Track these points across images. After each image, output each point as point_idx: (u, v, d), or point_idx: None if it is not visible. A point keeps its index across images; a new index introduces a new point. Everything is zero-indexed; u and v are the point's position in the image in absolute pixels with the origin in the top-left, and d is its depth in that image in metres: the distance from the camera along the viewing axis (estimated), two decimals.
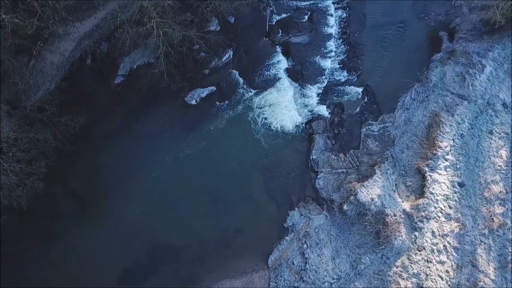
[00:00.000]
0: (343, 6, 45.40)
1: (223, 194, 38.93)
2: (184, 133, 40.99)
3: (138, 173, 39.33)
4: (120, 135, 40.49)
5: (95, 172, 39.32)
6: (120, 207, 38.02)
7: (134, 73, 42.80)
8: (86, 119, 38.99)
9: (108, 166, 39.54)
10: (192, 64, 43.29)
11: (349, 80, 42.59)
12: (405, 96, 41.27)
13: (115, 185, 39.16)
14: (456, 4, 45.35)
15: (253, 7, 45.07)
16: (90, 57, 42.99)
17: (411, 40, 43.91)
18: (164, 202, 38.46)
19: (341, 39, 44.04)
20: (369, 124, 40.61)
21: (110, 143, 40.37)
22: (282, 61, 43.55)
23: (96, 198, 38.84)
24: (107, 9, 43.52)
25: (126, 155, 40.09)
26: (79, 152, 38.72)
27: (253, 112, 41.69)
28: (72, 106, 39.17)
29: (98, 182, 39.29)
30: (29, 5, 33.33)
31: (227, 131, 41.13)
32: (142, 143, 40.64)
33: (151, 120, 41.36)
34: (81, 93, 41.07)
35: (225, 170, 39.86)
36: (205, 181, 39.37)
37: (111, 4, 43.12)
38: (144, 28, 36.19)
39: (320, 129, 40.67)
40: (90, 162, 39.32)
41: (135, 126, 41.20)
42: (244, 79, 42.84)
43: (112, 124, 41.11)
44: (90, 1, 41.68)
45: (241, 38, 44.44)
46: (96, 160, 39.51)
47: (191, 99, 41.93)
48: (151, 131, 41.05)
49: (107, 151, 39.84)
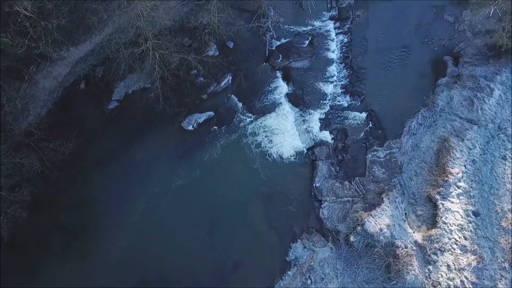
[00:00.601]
0: (344, 31, 44.54)
1: (220, 224, 36.30)
2: (179, 160, 38.90)
3: (129, 203, 36.89)
4: (111, 162, 38.38)
5: (83, 202, 36.86)
6: (108, 239, 35.34)
7: (129, 98, 41.29)
8: (77, 145, 37.05)
9: (97, 195, 37.22)
10: (190, 88, 41.90)
11: (352, 105, 40.95)
12: (411, 121, 39.49)
13: (104, 216, 36.71)
14: (459, 29, 44.50)
15: (252, 32, 44.24)
16: (84, 82, 41.72)
17: (415, 64, 42.68)
18: (156, 234, 35.80)
19: (343, 63, 42.82)
20: (374, 150, 38.57)
21: (101, 171, 38.17)
22: (283, 86, 42.13)
23: (83, 230, 36.20)
24: (103, 34, 42.62)
25: (117, 183, 37.81)
26: (67, 179, 36.51)
27: (252, 138, 39.77)
28: (62, 131, 37.39)
29: (86, 212, 36.73)
30: (20, 25, 32.12)
31: (225, 158, 39.04)
32: (135, 171, 38.47)
33: (145, 147, 39.39)
34: (73, 118, 39.42)
35: (222, 199, 37.43)
36: (201, 211, 36.85)
37: (107, 29, 42.20)
38: (140, 49, 34.78)
39: (323, 156, 38.57)
40: (78, 190, 36.98)
41: (128, 153, 39.17)
42: (243, 104, 41.24)
43: (104, 151, 39.11)
44: (86, 26, 40.72)
45: (240, 63, 43.28)
46: (85, 188, 37.19)
47: (188, 124, 40.14)
48: (144, 158, 38.96)
49: (97, 179, 37.58)
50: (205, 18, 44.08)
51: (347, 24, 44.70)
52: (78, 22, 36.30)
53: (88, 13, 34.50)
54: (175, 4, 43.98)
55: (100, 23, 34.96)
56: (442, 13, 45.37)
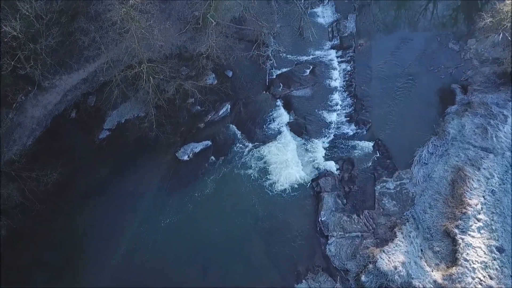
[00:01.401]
0: (347, 59, 43.15)
1: (215, 263, 32.82)
2: (171, 193, 36.06)
3: (117, 240, 33.58)
4: (99, 194, 35.53)
5: (66, 238, 33.56)
6: (92, 280, 31.66)
7: (122, 127, 39.08)
8: (62, 175, 34.32)
9: (82, 231, 34.04)
10: (187, 117, 39.88)
11: (357, 133, 38.62)
12: (421, 150, 37.00)
13: (89, 254, 33.25)
14: (465, 57, 43.11)
15: (252, 61, 42.85)
16: (75, 110, 39.69)
17: (422, 92, 40.84)
18: (146, 273, 32.15)
19: (347, 91, 40.99)
20: (383, 181, 35.76)
21: (87, 204, 35.23)
22: (284, 115, 40.05)
23: (65, 270, 32.57)
24: (97, 63, 41.12)
25: (103, 218, 34.80)
26: (49, 213, 33.49)
27: (252, 169, 37.09)
28: (48, 160, 34.79)
29: (69, 250, 33.28)
30: (7, 46, 30.40)
31: (221, 190, 36.20)
32: (124, 205, 35.50)
33: (137, 178, 36.67)
34: (61, 147, 37.05)
35: (217, 235, 34.13)
36: (194, 249, 33.50)
37: (102, 58, 40.72)
38: (133, 72, 32.87)
39: (329, 187, 35.69)
40: (61, 225, 33.88)
41: (118, 185, 36.38)
42: (242, 133, 38.96)
43: (92, 182, 36.34)
44: (78, 51, 39.29)
45: (239, 91, 41.52)
46: (69, 223, 34.10)
47: (183, 154, 37.65)
48: (135, 191, 36.13)
49: (82, 213, 34.56)
50: (203, 47, 42.90)
51: (349, 52, 43.42)
52: (70, 46, 34.62)
53: (78, 32, 32.89)
54: (173, 33, 42.79)
55: (92, 46, 32.94)
56: (446, 42, 44.23)
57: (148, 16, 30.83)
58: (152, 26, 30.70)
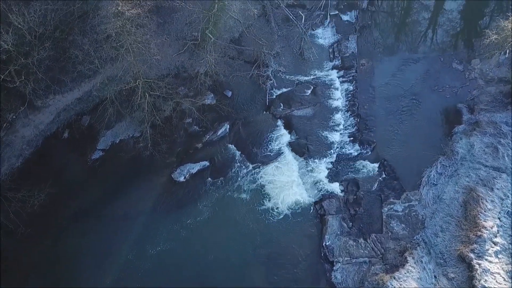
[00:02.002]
0: (349, 79, 42.11)
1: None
2: (167, 216, 34.03)
3: (106, 268, 31.27)
4: (89, 217, 33.51)
5: (52, 263, 31.20)
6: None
7: (116, 148, 37.51)
8: (50, 196, 32.33)
9: (69, 256, 31.72)
10: (184, 137, 38.33)
11: (362, 154, 36.98)
12: (429, 170, 35.25)
13: (76, 282, 30.84)
14: (470, 77, 42.12)
15: (252, 81, 41.84)
16: (68, 131, 38.18)
17: (427, 112, 39.56)
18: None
19: (349, 111, 39.67)
20: (391, 203, 33.78)
21: (76, 227, 33.15)
22: (284, 135, 38.55)
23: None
24: (93, 82, 40.06)
25: (93, 243, 32.60)
26: (35, 236, 31.30)
27: (251, 191, 35.22)
28: (36, 181, 32.90)
29: (55, 276, 30.88)
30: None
31: (220, 213, 34.19)
32: (116, 229, 33.41)
33: (130, 201, 34.72)
34: (51, 167, 35.36)
35: (214, 262, 31.76)
36: (191, 276, 31.11)
37: (98, 77, 39.64)
38: (128, 86, 31.58)
39: (333, 210, 33.67)
40: (47, 250, 31.58)
41: (110, 208, 34.40)
42: (241, 154, 37.33)
43: (82, 204, 34.41)
44: (73, 68, 38.29)
45: (239, 111, 40.22)
46: (56, 247, 31.85)
47: (180, 175, 35.87)
48: (128, 214, 34.13)
49: (71, 237, 32.43)
50: (202, 67, 42.03)
51: (351, 72, 42.43)
52: (64, 62, 33.47)
53: (72, 47, 31.82)
54: (172, 53, 42.06)
55: (86, 60, 31.72)
56: (450, 62, 43.40)
57: (145, 30, 29.89)
58: (149, 40, 29.64)
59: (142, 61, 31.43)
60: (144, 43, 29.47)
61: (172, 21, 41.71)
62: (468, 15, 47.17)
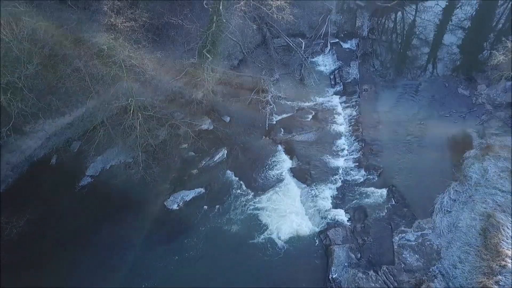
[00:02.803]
0: (351, 105, 40.58)
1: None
2: (159, 248, 31.22)
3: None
4: (72, 248, 30.67)
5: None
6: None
7: (106, 174, 35.23)
8: (32, 224, 29.73)
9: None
10: (178, 163, 36.09)
11: (368, 180, 34.62)
12: (442, 197, 32.77)
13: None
14: (477, 102, 40.59)
15: (251, 106, 40.24)
16: (56, 156, 36.03)
17: (436, 137, 37.62)
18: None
19: (353, 136, 37.75)
20: (402, 231, 31.03)
21: (60, 258, 30.21)
22: (285, 161, 36.41)
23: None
24: (85, 107, 38.49)
25: (78, 276, 29.53)
26: (13, 266, 28.22)
27: (250, 219, 32.61)
28: (18, 208, 30.39)
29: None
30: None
31: (216, 243, 31.37)
32: (103, 260, 30.52)
33: (120, 231, 31.99)
34: (35, 194, 32.76)
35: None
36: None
37: (90, 103, 38.14)
38: (119, 104, 29.81)
39: (340, 239, 30.85)
40: (26, 283, 28.36)
41: (97, 238, 31.63)
42: (240, 180, 35.01)
43: (67, 234, 31.60)
44: (67, 99, 36.93)
45: (237, 136, 38.33)
46: (37, 279, 28.65)
47: (173, 203, 33.37)
48: (117, 245, 31.34)
49: (54, 268, 29.48)
50: (199, 92, 40.73)
51: (354, 98, 40.98)
52: (55, 81, 31.90)
53: (62, 64, 30.41)
54: (168, 80, 40.88)
55: (75, 76, 30.11)
56: (455, 87, 42.09)
57: (139, 46, 28.57)
58: (143, 56, 28.23)
59: (135, 80, 29.90)
60: (138, 58, 27.99)
61: (170, 54, 40.99)
62: (473, 39, 46.46)
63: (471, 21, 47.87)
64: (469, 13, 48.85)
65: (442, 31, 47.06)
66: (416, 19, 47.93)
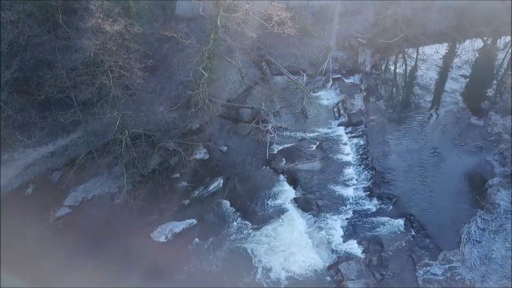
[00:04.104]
0: (358, 134, 37.75)
1: None
2: (142, 284, 26.39)
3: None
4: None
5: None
6: None
7: (87, 205, 31.51)
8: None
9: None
10: (169, 193, 32.38)
11: (382, 209, 30.74)
12: (468, 226, 28.75)
13: None
14: (493, 132, 37.75)
15: (250, 137, 37.46)
16: (33, 186, 32.51)
17: (453, 165, 34.35)
18: None
19: (362, 165, 34.44)
20: (426, 264, 26.60)
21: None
22: (288, 191, 32.81)
23: None
24: (71, 136, 35.82)
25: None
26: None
27: (249, 254, 28.40)
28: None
29: None
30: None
31: (208, 282, 26.62)
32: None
33: (96, 266, 27.45)
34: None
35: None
36: None
37: (78, 131, 35.58)
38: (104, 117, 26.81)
39: (353, 274, 26.28)
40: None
41: (69, 277, 26.93)
42: (237, 211, 31.20)
43: (34, 272, 26.96)
44: (54, 128, 34.53)
45: (235, 166, 35.03)
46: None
47: (160, 235, 29.27)
48: (93, 281, 26.53)
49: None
50: (195, 123, 38.31)
51: (360, 128, 38.28)
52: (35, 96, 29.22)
53: (43, 67, 27.93)
54: (162, 110, 38.73)
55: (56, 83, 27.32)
56: (467, 117, 39.48)
57: (128, 53, 26.34)
58: (132, 65, 25.93)
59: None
60: (127, 68, 25.71)
61: (166, 86, 39.44)
62: (480, 73, 44.80)
63: (476, 58, 46.70)
64: (472, 52, 47.84)
65: (447, 66, 45.62)
66: (420, 56, 46.78)
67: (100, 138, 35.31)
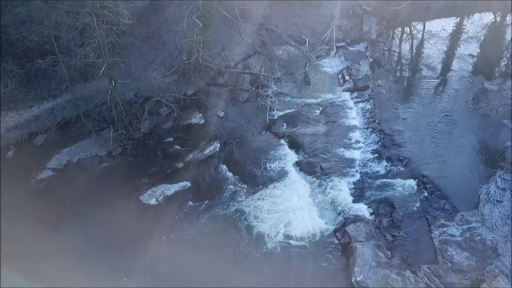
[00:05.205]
0: (364, 99, 35.34)
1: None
2: (130, 252, 24.15)
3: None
4: (26, 257, 23.57)
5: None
6: None
7: (72, 168, 29.16)
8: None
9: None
10: (161, 157, 30.02)
11: (392, 171, 28.32)
12: (487, 186, 26.24)
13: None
14: (508, 96, 35.20)
15: (249, 103, 35.10)
16: (15, 149, 30.19)
17: (466, 128, 31.88)
18: None
19: (369, 128, 32.07)
20: (442, 225, 24.11)
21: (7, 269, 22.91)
22: (290, 154, 30.48)
23: None
24: (58, 100, 33.52)
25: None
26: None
27: (249, 218, 26.12)
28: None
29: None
30: None
31: (201, 246, 24.33)
32: (59, 271, 23.21)
33: (78, 230, 25.15)
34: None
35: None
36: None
37: (66, 95, 33.26)
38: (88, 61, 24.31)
39: (362, 236, 23.87)
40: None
41: (51, 243, 24.65)
42: (235, 175, 28.90)
43: (14, 238, 24.58)
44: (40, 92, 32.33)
45: (233, 131, 32.61)
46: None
47: (150, 197, 26.91)
48: (75, 247, 24.24)
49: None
50: (190, 89, 36.00)
51: (367, 92, 35.82)
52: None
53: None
54: (156, 75, 36.44)
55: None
56: (480, 82, 36.93)
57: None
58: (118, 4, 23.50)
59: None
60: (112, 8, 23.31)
61: (160, 53, 37.18)
62: (498, 29, 42.40)
63: (490, 20, 44.22)
64: (486, 15, 45.27)
65: (458, 31, 43.14)
66: (428, 22, 44.34)
67: (88, 102, 33.08)
